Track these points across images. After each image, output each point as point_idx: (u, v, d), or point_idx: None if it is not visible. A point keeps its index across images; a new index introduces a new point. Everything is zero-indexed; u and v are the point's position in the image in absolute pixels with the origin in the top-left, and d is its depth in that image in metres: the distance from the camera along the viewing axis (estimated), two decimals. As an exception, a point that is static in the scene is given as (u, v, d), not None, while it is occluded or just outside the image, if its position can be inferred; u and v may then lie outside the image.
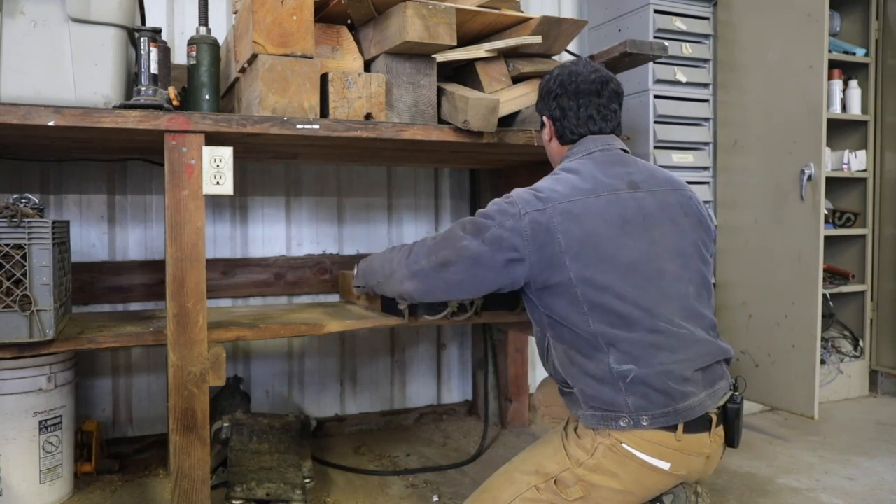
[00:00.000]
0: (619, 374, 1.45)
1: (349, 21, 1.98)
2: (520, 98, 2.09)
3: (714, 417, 1.50)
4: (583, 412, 1.51)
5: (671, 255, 1.52)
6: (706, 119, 3.20)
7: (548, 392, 1.95)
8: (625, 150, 1.66)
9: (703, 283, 1.57)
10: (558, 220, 1.47)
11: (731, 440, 1.54)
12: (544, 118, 1.71)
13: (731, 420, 1.53)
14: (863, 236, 3.42)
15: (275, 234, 2.80)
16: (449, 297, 1.70)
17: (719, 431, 1.53)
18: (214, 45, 1.89)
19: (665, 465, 1.48)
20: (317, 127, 1.77)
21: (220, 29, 2.54)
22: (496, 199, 1.57)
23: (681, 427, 1.45)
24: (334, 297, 2.87)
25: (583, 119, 1.63)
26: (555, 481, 1.50)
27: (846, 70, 3.40)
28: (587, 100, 1.63)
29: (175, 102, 1.75)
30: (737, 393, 1.55)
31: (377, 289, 1.84)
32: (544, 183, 1.56)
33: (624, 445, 1.46)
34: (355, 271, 2.03)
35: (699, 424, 1.48)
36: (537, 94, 1.75)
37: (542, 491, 1.51)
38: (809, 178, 2.95)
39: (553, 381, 1.96)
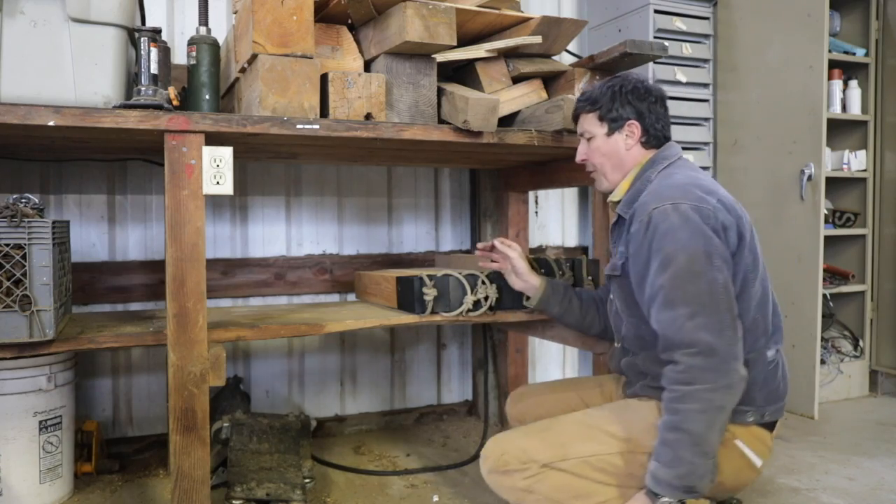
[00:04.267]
0: (770, 363, 1.60)
1: (349, 21, 1.98)
2: (520, 98, 2.10)
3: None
4: None
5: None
6: (706, 119, 3.20)
7: (526, 409, 1.95)
8: None
9: None
10: (735, 216, 1.56)
11: None
12: (631, 122, 1.71)
13: None
14: (863, 236, 3.42)
15: (275, 234, 2.80)
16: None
17: None
18: (214, 45, 1.89)
19: (759, 463, 1.58)
20: (317, 127, 1.77)
21: (220, 29, 2.54)
22: (680, 217, 1.49)
23: (778, 424, 1.61)
24: (334, 297, 2.87)
25: (667, 123, 1.74)
26: (648, 456, 1.51)
27: (846, 70, 3.39)
28: (665, 106, 1.74)
29: (175, 102, 1.75)
30: None
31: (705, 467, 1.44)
32: (706, 181, 1.60)
33: (736, 441, 1.54)
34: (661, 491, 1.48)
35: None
36: (606, 96, 1.74)
37: (625, 460, 1.53)
38: (809, 178, 2.95)
39: (532, 394, 1.98)
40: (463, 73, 2.10)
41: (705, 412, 1.38)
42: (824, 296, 3.20)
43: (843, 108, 3.37)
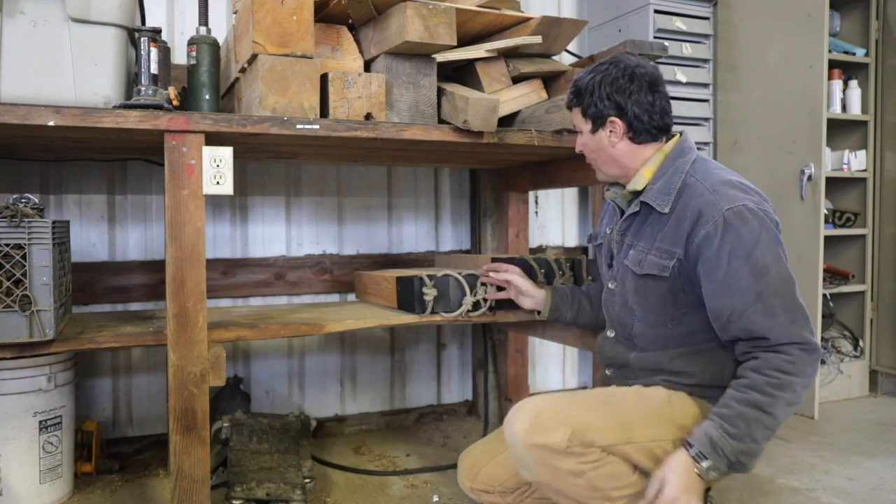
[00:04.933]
0: None
1: (349, 21, 1.98)
2: (520, 98, 2.10)
3: None
4: None
5: None
6: (706, 119, 3.20)
7: (492, 475, 1.75)
8: None
9: None
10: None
11: None
12: (612, 119, 1.61)
13: None
14: (863, 236, 3.42)
15: (275, 234, 2.80)
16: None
17: None
18: (214, 45, 1.89)
19: None
20: (317, 127, 1.77)
21: (220, 29, 2.54)
22: (759, 221, 1.50)
23: None
24: (334, 297, 2.87)
25: (660, 112, 1.60)
26: None
27: (846, 70, 3.39)
28: (660, 92, 1.60)
29: (175, 102, 1.75)
30: None
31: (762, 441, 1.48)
32: (747, 190, 1.55)
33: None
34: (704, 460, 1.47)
35: None
36: (588, 90, 1.62)
37: (675, 447, 1.49)
38: (809, 178, 2.95)
39: (486, 454, 1.78)
40: (463, 73, 2.10)
41: (790, 404, 1.45)
42: (824, 296, 3.20)
43: (843, 108, 3.37)
